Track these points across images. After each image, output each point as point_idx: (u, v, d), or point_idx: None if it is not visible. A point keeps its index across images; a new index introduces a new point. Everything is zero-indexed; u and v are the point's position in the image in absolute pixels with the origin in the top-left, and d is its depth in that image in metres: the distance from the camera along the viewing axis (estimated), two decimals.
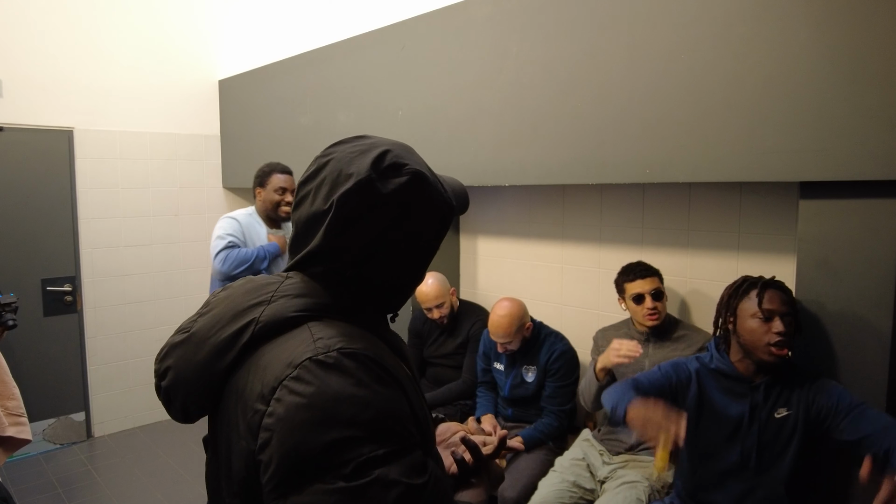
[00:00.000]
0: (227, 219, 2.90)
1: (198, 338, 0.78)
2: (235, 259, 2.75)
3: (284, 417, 0.67)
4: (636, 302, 2.30)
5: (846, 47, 1.65)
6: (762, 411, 1.74)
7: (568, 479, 2.25)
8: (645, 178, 2.12)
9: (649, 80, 2.07)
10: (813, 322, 1.82)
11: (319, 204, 0.80)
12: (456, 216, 0.90)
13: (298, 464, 0.66)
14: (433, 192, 0.84)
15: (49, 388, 3.81)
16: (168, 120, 4.21)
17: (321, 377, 0.68)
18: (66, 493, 3.29)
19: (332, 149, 0.86)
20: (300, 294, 0.78)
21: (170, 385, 0.80)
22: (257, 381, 0.72)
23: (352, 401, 0.68)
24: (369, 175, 0.78)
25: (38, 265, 3.75)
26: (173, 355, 0.80)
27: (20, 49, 3.59)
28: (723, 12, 1.88)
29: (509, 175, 2.55)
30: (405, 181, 0.80)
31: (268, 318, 0.76)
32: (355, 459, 0.66)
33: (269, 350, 0.74)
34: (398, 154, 0.82)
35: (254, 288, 0.81)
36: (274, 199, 2.92)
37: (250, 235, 2.89)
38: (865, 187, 1.69)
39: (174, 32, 4.17)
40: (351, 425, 0.67)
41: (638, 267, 2.34)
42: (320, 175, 0.82)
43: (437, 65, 2.81)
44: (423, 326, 3.06)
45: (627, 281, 2.34)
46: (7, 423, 1.99)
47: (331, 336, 0.73)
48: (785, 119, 1.77)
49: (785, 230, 2.18)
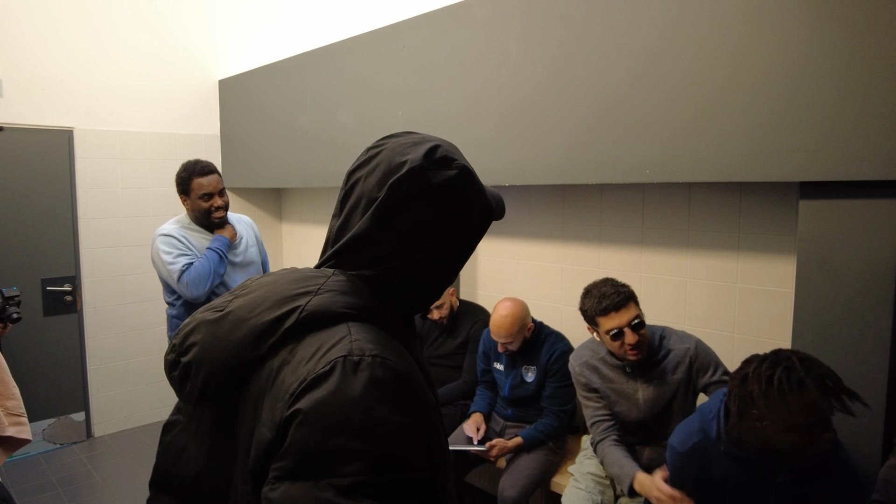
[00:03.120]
0: (161, 237, 2.60)
1: (235, 317, 0.77)
2: (201, 275, 2.53)
3: (303, 411, 0.66)
4: (614, 339, 2.01)
5: (846, 47, 1.65)
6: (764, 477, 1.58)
7: (596, 500, 2.17)
8: (645, 178, 2.12)
9: (649, 80, 2.07)
10: (812, 322, 1.82)
11: (371, 190, 0.80)
12: (494, 220, 0.92)
13: (303, 457, 0.65)
14: (477, 190, 0.85)
15: (49, 388, 3.81)
16: (168, 120, 4.21)
17: (347, 378, 0.67)
18: (66, 493, 3.29)
19: (385, 140, 0.87)
20: (347, 292, 0.78)
21: (193, 360, 0.78)
22: (290, 373, 0.71)
23: (368, 412, 0.66)
24: (422, 164, 0.79)
25: (37, 265, 3.75)
26: (202, 331, 0.78)
27: (20, 49, 3.59)
28: (723, 12, 1.88)
29: (509, 175, 2.55)
30: (454, 175, 0.81)
31: (313, 308, 0.75)
32: (353, 476, 0.64)
33: (307, 343, 0.73)
34: (448, 149, 0.84)
35: (300, 277, 0.80)
36: (201, 207, 2.62)
37: (192, 245, 2.63)
38: (865, 187, 1.69)
39: (174, 32, 4.17)
40: (359, 437, 0.65)
41: (609, 294, 2.01)
42: (372, 162, 0.83)
43: (437, 65, 2.81)
44: (422, 327, 3.06)
45: (600, 315, 2.02)
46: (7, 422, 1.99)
47: (369, 340, 0.72)
48: (785, 119, 1.77)
49: (785, 230, 2.18)
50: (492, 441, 2.48)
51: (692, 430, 1.67)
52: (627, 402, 2.13)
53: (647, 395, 2.10)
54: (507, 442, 2.48)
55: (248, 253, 2.82)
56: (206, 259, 2.58)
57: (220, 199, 2.66)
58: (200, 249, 2.64)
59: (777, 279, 2.22)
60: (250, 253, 2.83)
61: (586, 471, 2.28)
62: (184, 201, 2.68)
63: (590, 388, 2.21)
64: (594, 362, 2.20)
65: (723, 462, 1.60)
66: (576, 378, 2.26)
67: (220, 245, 2.63)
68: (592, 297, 2.06)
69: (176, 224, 2.68)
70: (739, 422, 1.48)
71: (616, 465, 2.06)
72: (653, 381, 2.09)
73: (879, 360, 1.71)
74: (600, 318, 2.04)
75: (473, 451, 2.51)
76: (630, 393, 2.13)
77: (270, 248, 4.61)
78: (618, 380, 2.15)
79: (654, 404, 2.09)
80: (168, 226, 2.67)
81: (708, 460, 1.63)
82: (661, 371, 2.08)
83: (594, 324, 2.09)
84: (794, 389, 1.36)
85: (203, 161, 2.68)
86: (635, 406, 2.12)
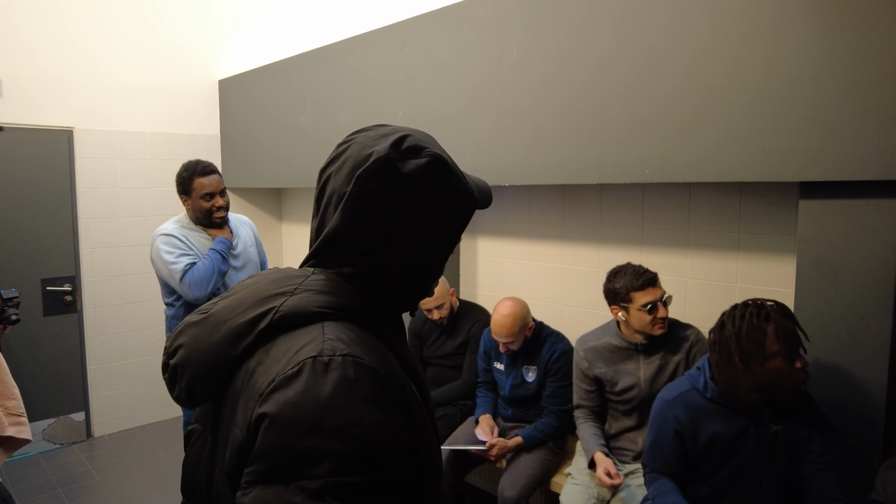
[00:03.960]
0: (162, 237, 2.59)
1: (216, 319, 0.77)
2: (203, 276, 2.52)
3: (272, 413, 0.65)
4: (649, 312, 2.13)
5: (846, 47, 1.65)
6: (756, 428, 1.69)
7: (594, 494, 2.22)
8: (645, 178, 2.12)
9: (649, 80, 2.07)
10: (813, 322, 1.82)
11: (340, 185, 0.80)
12: (478, 209, 0.89)
13: (275, 460, 0.64)
14: (454, 178, 0.83)
15: (49, 388, 3.81)
16: (168, 120, 4.21)
17: (317, 379, 0.66)
18: (66, 493, 3.29)
19: (354, 135, 0.86)
20: (324, 291, 0.77)
21: (179, 363, 0.78)
22: (263, 373, 0.71)
23: (341, 412, 0.64)
24: (388, 154, 0.78)
25: (37, 265, 3.75)
26: (188, 334, 0.79)
27: (20, 49, 3.59)
28: (722, 12, 1.88)
29: (509, 175, 2.55)
30: (424, 163, 0.79)
31: (288, 308, 0.74)
32: (325, 477, 0.62)
33: (281, 343, 0.73)
34: (419, 139, 0.82)
35: (280, 278, 0.80)
36: (203, 206, 2.62)
37: (192, 245, 2.62)
38: (865, 187, 1.69)
39: (174, 32, 4.17)
40: (332, 438, 0.63)
41: (642, 272, 2.17)
42: (342, 158, 0.82)
43: (437, 65, 2.81)
44: (423, 327, 3.06)
45: (636, 289, 2.14)
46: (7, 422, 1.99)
47: (341, 340, 0.70)
48: (785, 119, 1.77)
49: (785, 230, 2.18)
50: (492, 441, 2.48)
51: (680, 383, 1.84)
52: (630, 378, 2.25)
53: (649, 372, 2.22)
54: (507, 442, 2.48)
55: (246, 253, 2.81)
56: (209, 259, 2.57)
57: (222, 199, 2.67)
58: (201, 250, 2.63)
59: (777, 279, 2.22)
60: (249, 253, 2.83)
61: (582, 466, 2.31)
62: (184, 201, 2.67)
63: (587, 376, 2.34)
64: (599, 345, 2.32)
65: (710, 415, 1.72)
66: (577, 363, 2.39)
67: (223, 247, 2.63)
68: (626, 275, 2.18)
69: (176, 224, 2.67)
70: (724, 367, 1.66)
71: (585, 441, 2.33)
72: (655, 360, 2.23)
73: (879, 360, 1.71)
74: (636, 293, 2.15)
75: (473, 450, 2.51)
76: (632, 370, 2.25)
77: (270, 248, 4.62)
78: (622, 359, 2.27)
79: (653, 382, 2.21)
80: (168, 225, 2.66)
81: (694, 411, 1.74)
82: (665, 352, 2.23)
83: (626, 300, 2.18)
84: (764, 321, 1.60)
85: (204, 161, 2.68)
86: (636, 383, 2.24)
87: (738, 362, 1.62)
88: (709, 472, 1.74)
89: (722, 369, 1.68)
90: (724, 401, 1.71)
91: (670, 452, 1.77)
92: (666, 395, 1.84)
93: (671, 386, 1.87)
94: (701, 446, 1.73)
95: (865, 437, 1.75)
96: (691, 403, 1.76)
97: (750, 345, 1.60)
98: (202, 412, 0.86)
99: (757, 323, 1.60)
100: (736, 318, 1.64)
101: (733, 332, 1.63)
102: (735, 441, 1.70)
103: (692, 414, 1.74)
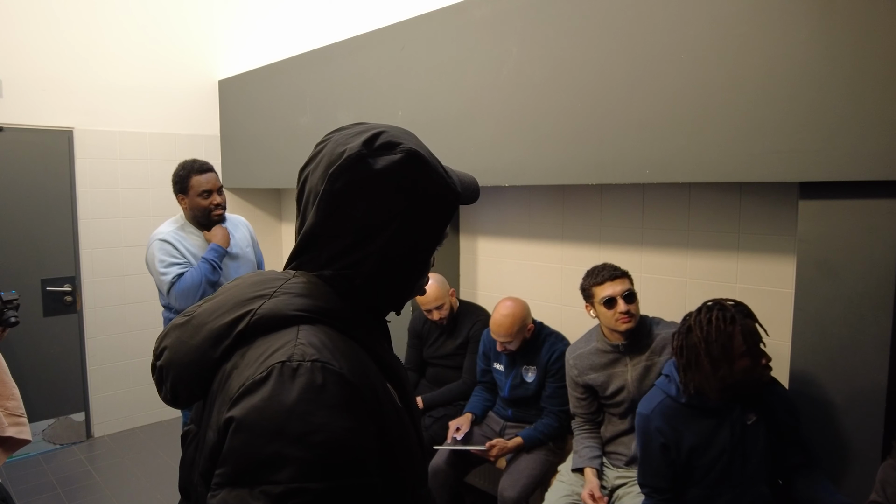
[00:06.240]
0: (158, 242, 2.56)
1: (197, 321, 0.78)
2: (189, 288, 2.49)
3: (239, 417, 0.66)
4: (607, 306, 2.15)
5: (846, 47, 1.65)
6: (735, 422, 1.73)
7: (577, 491, 2.23)
8: (645, 179, 2.12)
9: (649, 80, 2.07)
10: (812, 322, 1.82)
11: (315, 183, 0.80)
12: (463, 204, 0.89)
13: (240, 464, 0.65)
14: (432, 173, 0.82)
15: (49, 388, 3.81)
16: (168, 120, 4.21)
17: (282, 384, 0.66)
18: (65, 493, 3.29)
19: (331, 134, 0.86)
20: (303, 294, 0.77)
21: (164, 364, 0.80)
22: (237, 377, 0.71)
23: (305, 418, 0.64)
24: (360, 151, 0.78)
25: (37, 265, 3.75)
26: (172, 336, 0.80)
27: (20, 49, 3.59)
28: (723, 12, 1.88)
29: (509, 175, 2.55)
30: (398, 159, 0.79)
31: (264, 312, 0.75)
32: (287, 483, 0.62)
33: (257, 346, 0.73)
34: (394, 135, 0.81)
35: (260, 281, 0.80)
36: (201, 205, 2.59)
37: (188, 249, 2.59)
38: (865, 187, 1.69)
39: (174, 32, 4.17)
40: (295, 444, 0.63)
41: (605, 268, 2.21)
42: (318, 157, 0.82)
43: (437, 65, 2.81)
44: (422, 327, 3.06)
45: (595, 284, 2.19)
46: (7, 423, 1.99)
47: (314, 345, 0.70)
48: (785, 119, 1.77)
49: (785, 230, 2.18)
50: (492, 441, 2.48)
51: (654, 395, 1.86)
52: (618, 381, 2.23)
53: (636, 374, 2.21)
54: (507, 442, 2.48)
55: (243, 254, 2.81)
56: (197, 271, 2.52)
57: (219, 197, 2.65)
58: (196, 253, 2.60)
59: (777, 279, 2.22)
60: (245, 254, 2.83)
61: (572, 467, 2.33)
62: (181, 200, 2.63)
63: (577, 384, 2.34)
64: (587, 352, 2.32)
65: (688, 419, 1.76)
66: (568, 370, 2.38)
67: (214, 256, 2.57)
68: (591, 273, 2.25)
69: (173, 225, 2.64)
70: (693, 370, 1.70)
71: (577, 453, 2.34)
72: (641, 360, 2.22)
73: (879, 360, 1.71)
74: (596, 289, 2.19)
75: (473, 451, 2.51)
76: (620, 373, 2.24)
77: (270, 248, 4.62)
78: (610, 363, 2.26)
79: (641, 383, 2.20)
80: (165, 228, 2.63)
81: (673, 419, 1.77)
82: (650, 353, 2.22)
83: (589, 296, 2.23)
84: (731, 324, 1.65)
85: (200, 160, 2.66)
86: (624, 385, 2.22)
87: (707, 365, 1.67)
88: (700, 474, 1.76)
89: (690, 373, 1.72)
90: (698, 403, 1.75)
91: (661, 465, 1.79)
92: (643, 409, 1.85)
93: (646, 399, 1.88)
94: (686, 451, 1.75)
95: (865, 437, 1.75)
96: (668, 412, 1.78)
97: (718, 348, 1.65)
98: (196, 412, 0.87)
99: (724, 327, 1.65)
100: (703, 322, 1.68)
101: (702, 338, 1.67)
102: (717, 439, 1.73)
103: (672, 422, 1.77)
